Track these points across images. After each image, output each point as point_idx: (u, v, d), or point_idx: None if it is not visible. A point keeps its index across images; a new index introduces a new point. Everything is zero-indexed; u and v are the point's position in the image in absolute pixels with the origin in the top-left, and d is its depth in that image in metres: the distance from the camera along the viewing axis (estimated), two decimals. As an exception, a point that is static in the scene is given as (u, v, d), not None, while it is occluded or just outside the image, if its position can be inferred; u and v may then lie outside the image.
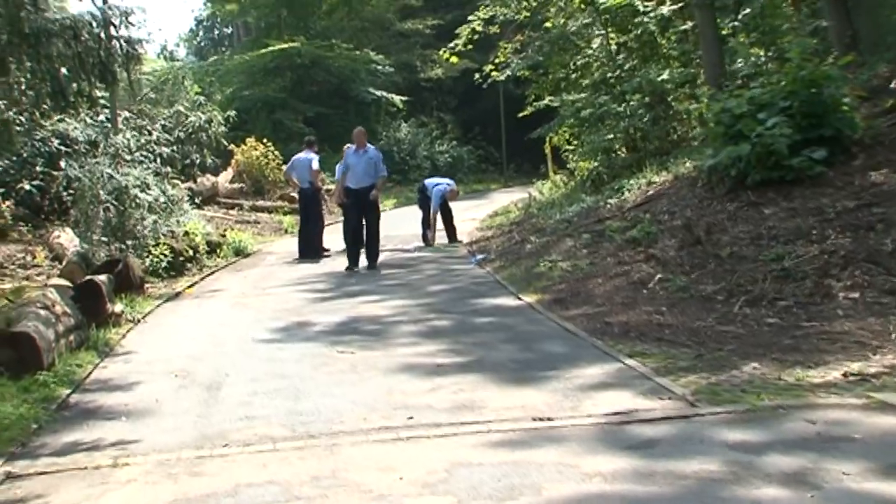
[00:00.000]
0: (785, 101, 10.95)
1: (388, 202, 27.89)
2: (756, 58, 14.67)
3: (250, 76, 35.43)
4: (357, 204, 14.03)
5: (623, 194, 14.68)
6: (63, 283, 10.36)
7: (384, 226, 19.45)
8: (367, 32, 40.24)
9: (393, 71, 37.10)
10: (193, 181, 20.41)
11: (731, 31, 16.65)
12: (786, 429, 5.09)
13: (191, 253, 14.35)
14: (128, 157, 14.96)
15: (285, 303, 11.13)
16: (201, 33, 57.50)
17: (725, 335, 7.46)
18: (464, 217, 19.72)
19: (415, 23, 40.41)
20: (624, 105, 17.74)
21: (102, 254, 12.77)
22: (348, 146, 14.54)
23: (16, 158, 15.75)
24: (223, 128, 20.54)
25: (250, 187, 26.17)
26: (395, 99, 35.98)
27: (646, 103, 17.52)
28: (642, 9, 17.24)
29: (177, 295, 12.16)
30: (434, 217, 17.11)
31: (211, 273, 14.31)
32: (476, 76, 24.03)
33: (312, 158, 16.17)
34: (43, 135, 16.00)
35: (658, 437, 5.15)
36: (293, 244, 16.68)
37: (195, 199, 18.66)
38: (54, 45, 10.85)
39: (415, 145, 35.83)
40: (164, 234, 14.06)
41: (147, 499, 4.64)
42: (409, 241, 17.51)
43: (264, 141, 26.54)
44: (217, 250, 15.88)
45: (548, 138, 23.99)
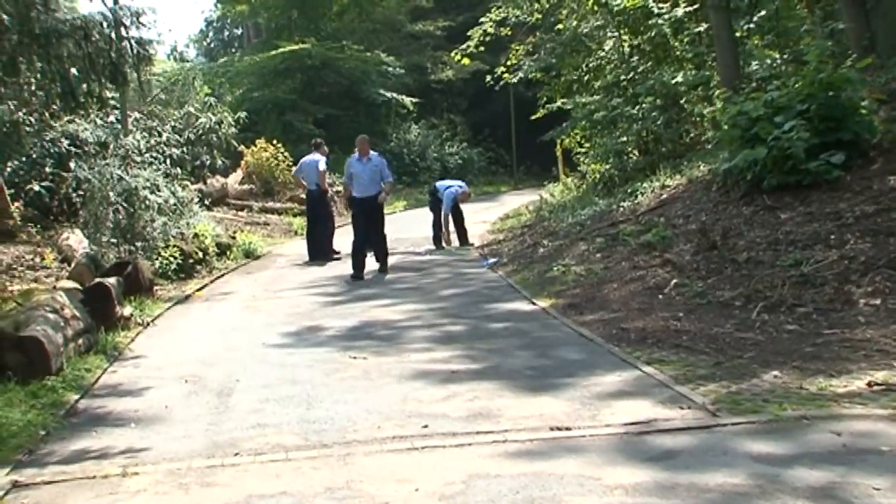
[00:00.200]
0: (802, 104, 10.81)
1: (399, 204, 27.88)
2: (771, 60, 14.50)
3: (260, 77, 35.36)
4: (364, 213, 13.63)
5: (636, 198, 14.54)
6: (72, 285, 10.26)
7: (395, 229, 19.47)
8: (378, 34, 40.18)
9: (403, 72, 37.02)
10: (203, 182, 20.34)
11: (745, 34, 16.53)
12: (811, 440, 4.96)
13: (200, 255, 14.27)
14: (138, 159, 14.89)
15: (296, 306, 11.03)
16: (211, 34, 57.51)
17: (744, 342, 7.32)
18: (475, 220, 19.61)
19: (426, 24, 40.36)
20: (637, 108, 17.60)
21: (111, 256, 12.71)
22: (352, 156, 14.16)
23: (25, 159, 15.73)
24: (233, 129, 20.46)
25: (260, 189, 26.11)
26: (406, 101, 35.91)
27: (659, 106, 17.37)
28: (656, 10, 17.08)
29: (187, 298, 12.07)
30: (446, 220, 16.99)
31: (221, 275, 14.22)
32: (487, 78, 23.96)
33: (319, 160, 16.08)
34: (53, 136, 15.98)
35: (679, 448, 5.02)
36: (303, 246, 16.58)
37: (205, 200, 18.59)
38: (65, 45, 10.81)
39: (425, 147, 35.76)
40: (174, 236, 14.00)
41: (157, 510, 4.54)
42: (420, 244, 17.42)
43: (274, 142, 26.48)
44: (227, 252, 15.80)
45: (559, 141, 23.87)
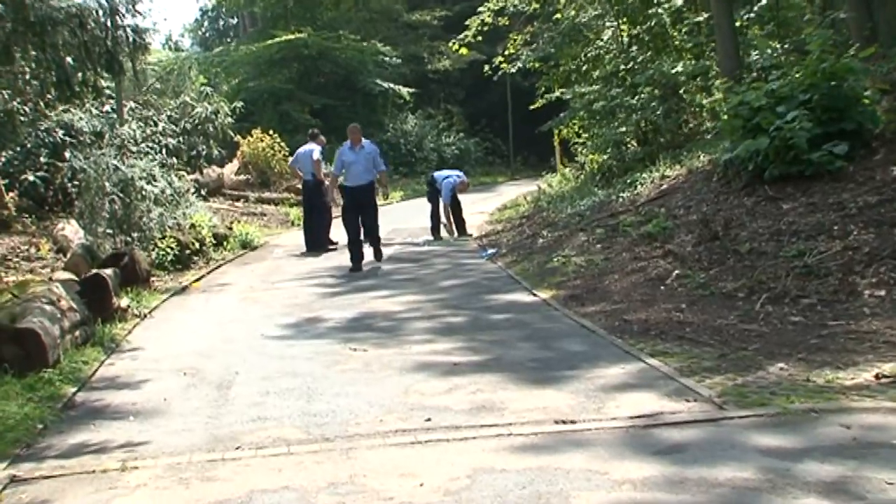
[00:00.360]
0: (805, 94, 10.73)
1: (395, 195, 27.73)
2: (773, 50, 14.41)
3: (256, 67, 35.17)
4: (355, 204, 13.34)
5: (636, 188, 14.46)
6: (68, 276, 10.19)
7: (392, 219, 19.41)
8: (375, 23, 40.02)
9: (400, 62, 36.87)
10: (199, 173, 20.20)
11: (745, 24, 16.44)
12: (820, 434, 4.89)
13: (197, 246, 14.18)
14: (134, 149, 14.78)
15: (294, 297, 10.95)
16: (206, 24, 57.24)
17: (749, 334, 7.26)
18: (472, 210, 19.47)
19: (423, 14, 40.23)
20: (637, 97, 17.50)
21: (107, 246, 12.61)
22: (344, 144, 13.82)
23: (20, 149, 15.63)
24: (230, 119, 20.33)
25: (256, 179, 25.99)
26: (403, 91, 35.78)
27: (658, 96, 17.28)
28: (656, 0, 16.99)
29: (184, 289, 11.97)
30: (446, 210, 16.89)
31: (218, 266, 14.11)
32: (486, 68, 23.82)
33: (314, 149, 15.97)
34: (48, 125, 15.86)
35: (687, 441, 4.95)
36: (300, 237, 16.49)
37: (201, 190, 18.48)
38: (60, 33, 10.69)
39: (422, 137, 35.63)
40: (171, 227, 13.87)
41: (157, 505, 4.47)
42: (418, 234, 17.33)
43: (270, 132, 26.34)
44: (224, 243, 15.69)
45: (556, 131, 23.75)
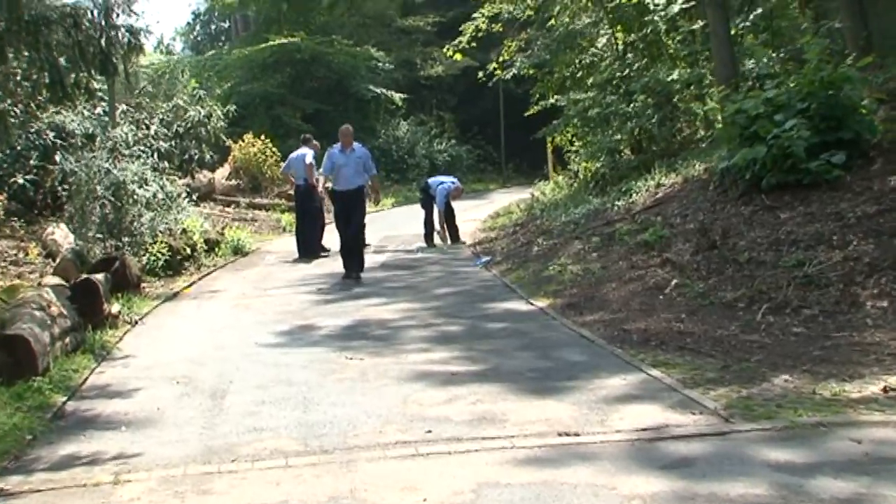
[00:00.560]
0: (802, 102, 10.66)
1: (387, 201, 27.66)
2: (768, 59, 14.36)
3: (249, 71, 34.97)
4: (346, 208, 12.85)
5: (631, 196, 14.39)
6: (57, 281, 10.03)
7: (384, 226, 19.31)
8: (368, 28, 39.89)
9: (393, 68, 36.80)
10: (191, 177, 20.06)
11: (740, 32, 16.40)
12: (831, 448, 4.79)
13: (189, 251, 14.02)
14: (126, 152, 14.62)
15: (287, 304, 10.82)
16: (198, 27, 57.10)
17: (751, 345, 7.18)
18: (464, 217, 19.35)
19: (416, 19, 40.13)
20: (631, 105, 17.44)
21: (98, 251, 12.47)
22: (333, 146, 13.27)
23: (9, 151, 15.42)
24: (222, 123, 20.19)
25: (247, 184, 25.87)
26: (395, 96, 35.67)
27: (654, 103, 17.22)
28: (652, 7, 16.92)
29: (175, 295, 11.83)
30: (441, 217, 16.78)
31: (209, 272, 13.96)
32: (479, 74, 23.76)
33: (306, 154, 15.83)
34: (38, 127, 15.66)
35: (694, 455, 4.85)
36: (292, 243, 16.33)
37: (192, 195, 18.33)
38: (54, 32, 10.53)
39: (413, 144, 35.56)
40: (162, 232, 13.73)
41: (152, 520, 4.34)
42: (411, 241, 17.23)
43: (262, 137, 26.20)
44: (215, 249, 15.55)
45: (549, 138, 23.68)
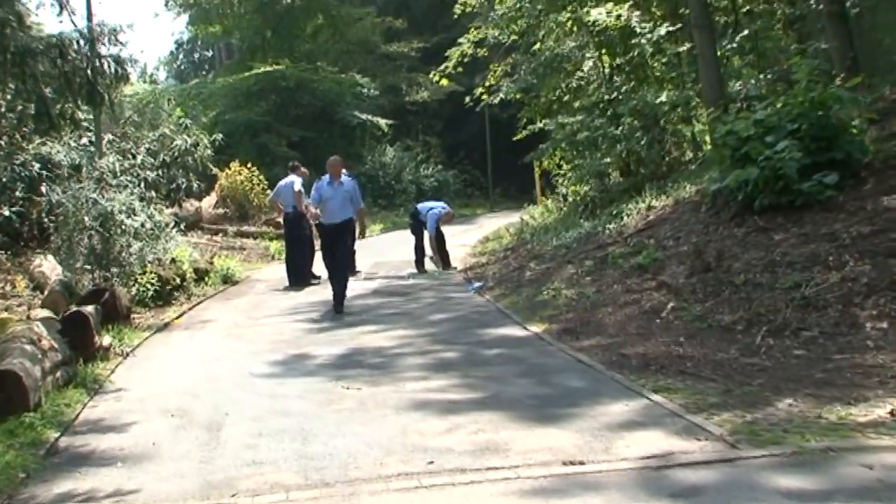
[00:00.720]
0: (793, 123, 10.66)
1: (375, 227, 27.63)
2: (756, 80, 14.42)
3: (234, 99, 34.99)
4: (332, 242, 12.50)
5: (622, 219, 14.35)
6: (46, 313, 9.91)
7: (374, 252, 19.21)
8: (352, 55, 40.06)
9: (378, 94, 36.88)
10: (179, 206, 19.91)
11: (726, 54, 16.47)
12: (842, 474, 4.72)
13: (178, 281, 13.90)
14: (113, 182, 14.49)
15: (280, 334, 10.71)
16: (181, 56, 57.23)
17: (751, 368, 7.12)
18: (454, 243, 19.28)
19: (400, 46, 40.31)
20: (620, 128, 17.47)
21: (86, 282, 12.33)
22: (321, 178, 12.91)
23: (-6, 183, 15.29)
24: (209, 151, 20.07)
25: (234, 212, 25.79)
26: (381, 122, 35.73)
27: (642, 126, 17.26)
28: (639, 30, 16.98)
29: (166, 325, 11.70)
30: (432, 242, 16.71)
31: (200, 302, 13.83)
32: (465, 99, 23.76)
33: (294, 181, 15.77)
34: (24, 158, 15.53)
35: (703, 483, 4.77)
36: (282, 271, 16.24)
37: (180, 224, 18.21)
38: (40, 63, 10.49)
39: (400, 169, 35.60)
40: (151, 262, 13.60)
41: (152, 560, 4.23)
42: (401, 267, 17.14)
43: (249, 165, 26.14)
44: (205, 278, 15.42)
45: (536, 163, 23.67)
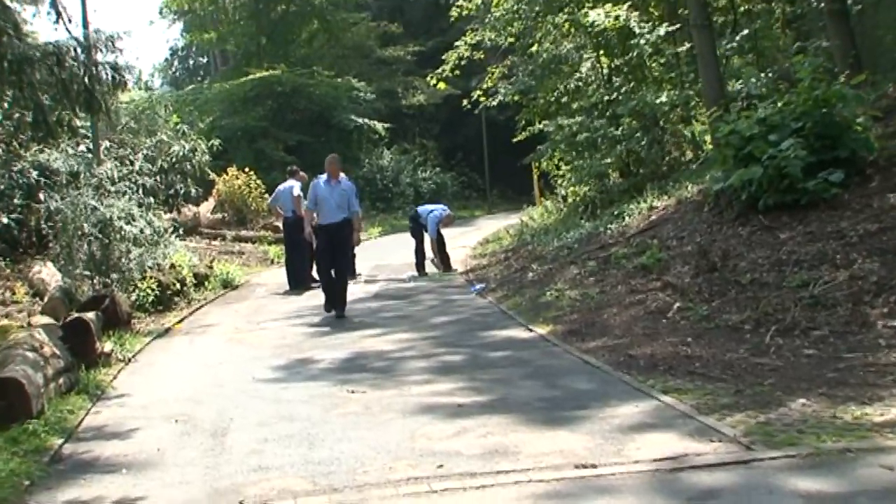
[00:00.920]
0: (797, 122, 10.61)
1: (374, 230, 27.59)
2: (757, 79, 14.36)
3: (230, 105, 34.92)
4: (330, 243, 12.15)
5: (623, 220, 14.29)
6: (47, 320, 9.82)
7: (373, 255, 19.14)
8: (348, 60, 40.03)
9: (374, 98, 36.83)
10: (177, 211, 19.87)
11: (725, 54, 16.43)
12: (862, 476, 4.64)
13: (178, 286, 13.82)
14: (111, 188, 14.43)
15: (282, 338, 10.63)
16: (176, 63, 57.25)
17: (762, 368, 7.03)
18: (454, 245, 19.21)
19: (395, 50, 40.31)
20: (620, 129, 17.42)
21: (86, 288, 12.26)
22: (317, 176, 12.79)
23: (-7, 191, 15.21)
24: (207, 157, 20.04)
25: (232, 217, 25.73)
26: (378, 126, 35.66)
27: (641, 126, 17.21)
28: (638, 31, 16.92)
29: (167, 331, 11.61)
30: (433, 245, 16.64)
31: (200, 307, 13.75)
32: (463, 102, 23.75)
33: (293, 186, 15.70)
34: (22, 166, 15.46)
35: (719, 486, 4.69)
36: (281, 275, 16.19)
37: (179, 230, 18.14)
38: (37, 71, 10.41)
39: (398, 172, 35.55)
40: (150, 267, 13.53)
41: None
42: (401, 270, 17.06)
43: (246, 170, 26.08)
44: (205, 283, 15.36)
45: (534, 164, 23.61)
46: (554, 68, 20.54)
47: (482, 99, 22.50)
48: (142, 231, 13.63)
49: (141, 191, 16.10)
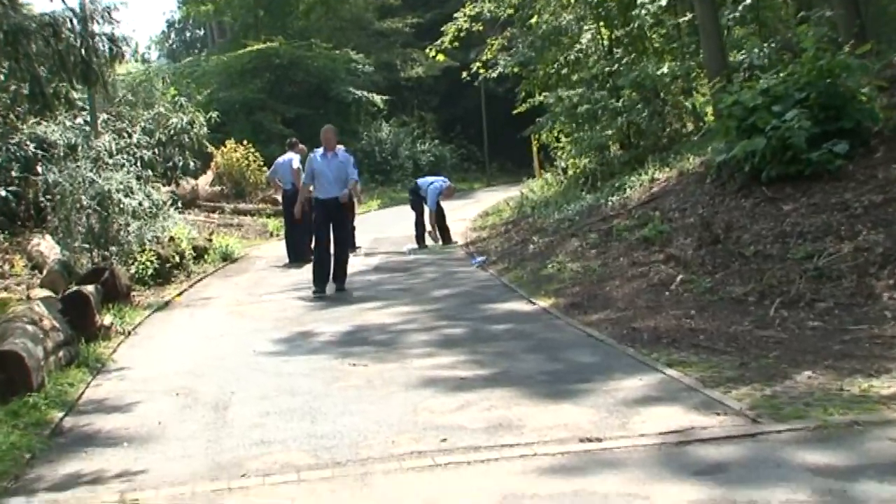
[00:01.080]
0: (801, 92, 10.52)
1: (373, 203, 27.52)
2: (759, 49, 14.23)
3: (228, 77, 34.65)
4: (328, 217, 11.90)
5: (625, 192, 14.21)
6: (46, 293, 9.78)
7: (373, 228, 19.08)
8: (346, 32, 39.68)
9: (373, 70, 36.54)
10: (175, 184, 19.74)
11: (727, 25, 16.28)
12: (870, 449, 4.60)
13: (177, 259, 13.72)
14: (109, 161, 14.31)
15: (283, 311, 10.58)
16: (173, 35, 56.85)
17: (766, 341, 6.99)
18: (453, 217, 19.07)
19: (394, 22, 39.97)
20: (621, 100, 17.30)
21: (84, 261, 12.20)
22: (314, 150, 12.47)
23: (-10, 164, 15.11)
24: (205, 129, 19.87)
25: (231, 190, 25.60)
26: (376, 98, 35.40)
27: (642, 98, 17.09)
28: (639, 1, 16.76)
29: (167, 304, 11.54)
30: (432, 217, 16.56)
31: (199, 280, 13.67)
32: (462, 74, 23.63)
33: (293, 158, 15.58)
34: (19, 139, 15.34)
35: (726, 459, 4.65)
36: (280, 248, 16.13)
37: (177, 202, 18.03)
38: (33, 42, 10.27)
39: (396, 145, 35.34)
40: (149, 240, 13.46)
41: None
42: (401, 243, 16.99)
43: (244, 143, 25.92)
44: (204, 256, 15.27)
45: (534, 136, 23.48)
46: (554, 40, 20.38)
47: (481, 71, 22.35)
48: (140, 204, 13.53)
49: (139, 163, 15.94)
